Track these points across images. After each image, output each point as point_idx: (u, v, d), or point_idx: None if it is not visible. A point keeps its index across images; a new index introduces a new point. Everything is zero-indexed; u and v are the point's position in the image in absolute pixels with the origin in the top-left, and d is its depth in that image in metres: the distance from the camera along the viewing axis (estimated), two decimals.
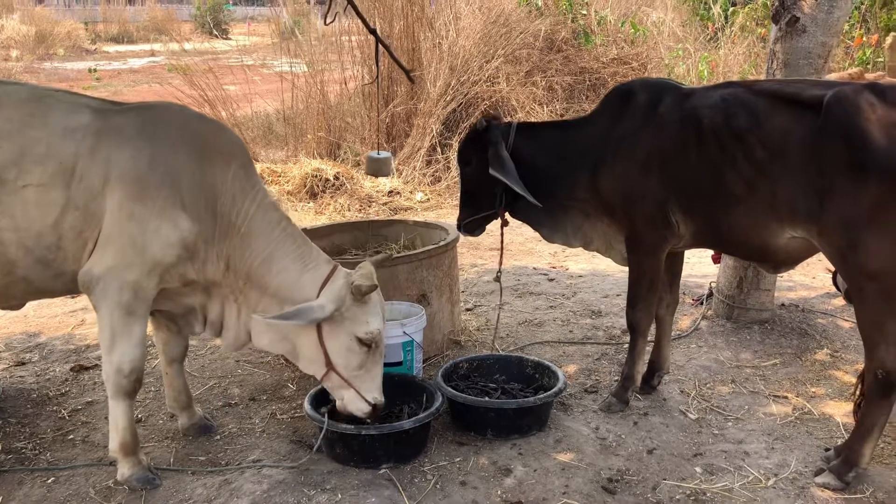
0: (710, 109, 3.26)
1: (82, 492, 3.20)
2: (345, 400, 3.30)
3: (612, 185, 3.55)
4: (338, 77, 11.10)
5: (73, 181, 2.94)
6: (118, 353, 3.05)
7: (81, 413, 3.91)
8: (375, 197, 8.91)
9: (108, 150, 2.99)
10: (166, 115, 3.24)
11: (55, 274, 3.04)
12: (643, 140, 3.45)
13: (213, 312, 3.35)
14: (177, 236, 3.04)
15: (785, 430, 3.62)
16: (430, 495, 3.14)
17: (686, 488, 3.17)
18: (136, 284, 3.02)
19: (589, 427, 3.69)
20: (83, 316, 5.30)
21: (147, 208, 3.00)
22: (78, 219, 2.96)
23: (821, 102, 2.96)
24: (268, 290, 3.24)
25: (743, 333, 4.68)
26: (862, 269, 2.95)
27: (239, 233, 3.20)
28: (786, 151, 3.06)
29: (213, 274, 3.21)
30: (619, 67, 10.90)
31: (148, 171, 3.02)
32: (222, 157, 3.20)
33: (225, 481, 3.25)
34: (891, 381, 2.99)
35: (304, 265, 3.26)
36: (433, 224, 5.04)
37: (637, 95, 3.53)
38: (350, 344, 3.21)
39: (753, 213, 3.21)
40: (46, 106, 3.02)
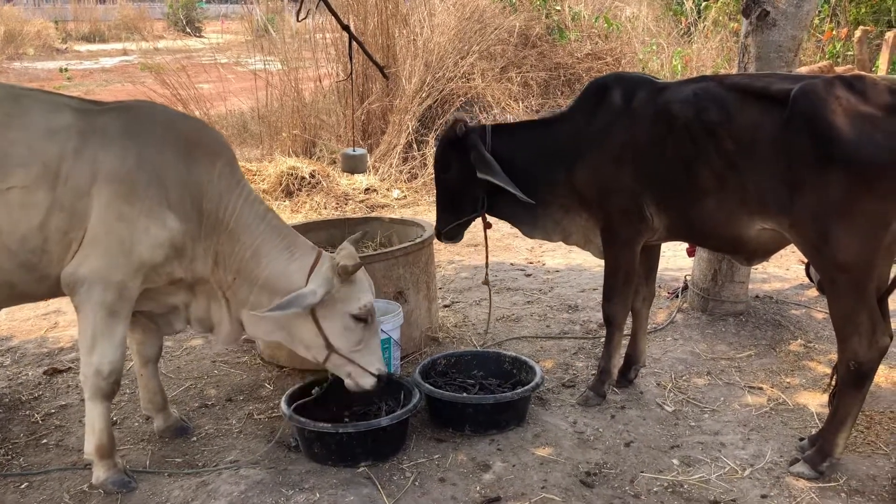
0: (682, 104, 3.29)
1: (56, 497, 3.16)
2: (352, 377, 3.34)
3: (587, 179, 3.59)
4: (312, 75, 11.04)
5: (59, 182, 2.89)
6: (98, 355, 3.02)
7: (55, 417, 3.86)
8: (352, 194, 8.87)
9: (94, 150, 2.94)
10: (150, 114, 3.21)
11: (39, 277, 2.98)
12: (617, 134, 3.48)
13: (199, 310, 3.33)
14: (165, 236, 3.01)
15: (760, 420, 3.66)
16: (409, 493, 3.14)
17: (663, 480, 3.20)
18: (122, 285, 2.99)
19: (567, 421, 3.70)
20: (56, 319, 5.23)
21: (135, 208, 2.97)
22: (63, 220, 2.91)
23: (788, 96, 2.99)
24: (257, 283, 3.23)
25: (718, 325, 4.72)
26: (834, 260, 2.97)
27: (227, 229, 3.19)
28: (756, 145, 3.08)
29: (202, 270, 3.20)
30: (594, 63, 10.95)
31: (136, 171, 2.98)
32: (207, 156, 3.18)
33: (202, 483, 3.22)
34: (863, 372, 3.02)
35: (291, 255, 3.27)
36: (409, 221, 5.03)
37: (612, 90, 3.55)
38: (346, 322, 3.25)
39: (725, 206, 3.24)
40: (24, 107, 2.96)
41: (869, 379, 3.07)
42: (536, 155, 3.74)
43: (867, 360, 3.01)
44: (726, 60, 12.76)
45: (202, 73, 12.15)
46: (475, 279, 5.91)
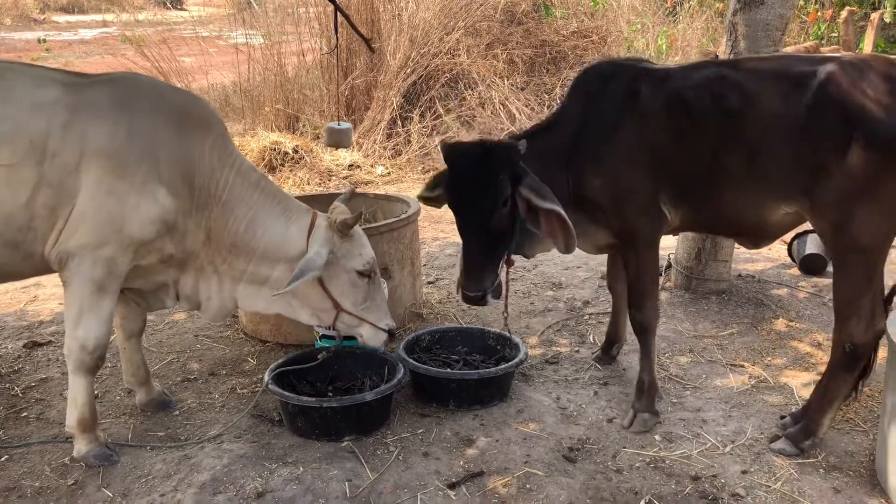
0: (697, 92, 3.13)
1: (38, 470, 3.13)
2: (364, 336, 3.40)
3: (600, 183, 3.26)
4: (295, 49, 10.92)
5: (46, 159, 2.81)
6: (83, 329, 2.99)
7: (35, 390, 3.82)
8: (335, 171, 8.82)
9: (83, 124, 2.87)
10: (139, 86, 3.14)
11: (25, 255, 2.93)
12: (628, 132, 3.21)
13: (188, 286, 3.30)
14: (157, 212, 2.97)
15: (741, 398, 3.69)
16: (392, 467, 3.15)
17: (645, 456, 3.22)
18: (111, 261, 2.95)
19: (550, 397, 3.72)
20: (35, 292, 5.17)
21: (126, 183, 2.91)
22: (51, 197, 2.84)
23: (810, 79, 2.96)
24: (256, 253, 3.22)
25: (701, 304, 4.75)
26: (853, 242, 2.96)
27: (220, 202, 3.15)
28: (780, 129, 3.00)
29: (193, 246, 3.16)
30: (580, 41, 10.90)
31: (126, 145, 2.92)
32: (199, 128, 3.13)
33: (184, 456, 3.21)
34: (857, 355, 3.06)
35: (288, 219, 3.26)
36: (394, 197, 5.01)
37: (610, 84, 3.28)
38: (352, 279, 3.29)
39: (751, 194, 3.14)
40: (8, 81, 2.87)
41: (861, 362, 3.09)
42: (540, 165, 3.25)
43: (863, 343, 3.03)
44: (711, 40, 12.76)
45: (183, 46, 11.97)
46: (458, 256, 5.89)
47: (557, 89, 10.28)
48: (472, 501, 2.93)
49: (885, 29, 10.18)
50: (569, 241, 3.10)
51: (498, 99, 9.94)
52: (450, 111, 9.80)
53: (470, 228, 3.19)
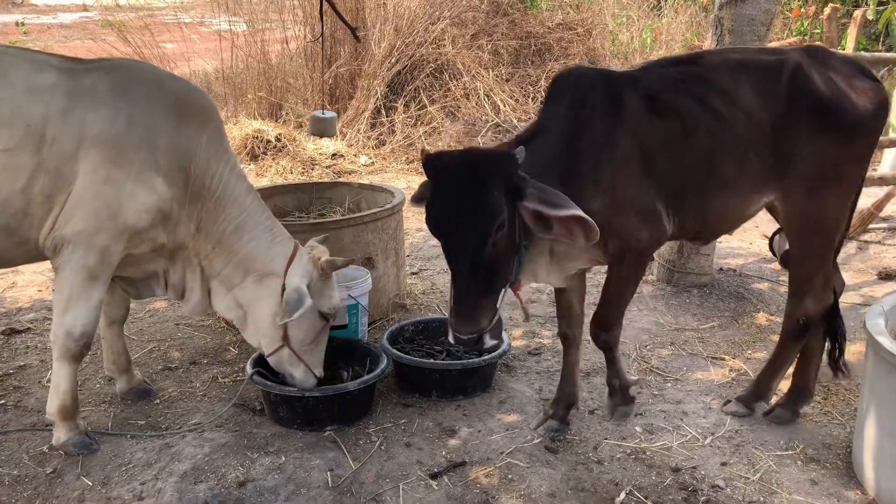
0: (677, 94, 3.03)
1: (16, 457, 3.10)
2: (296, 378, 3.32)
3: (599, 199, 2.89)
4: (279, 37, 10.84)
5: (44, 145, 2.78)
6: (71, 316, 2.96)
7: (13, 378, 3.78)
8: (318, 160, 8.78)
9: (82, 111, 2.84)
10: (138, 73, 3.10)
11: (19, 241, 2.89)
12: (621, 142, 2.94)
13: (175, 276, 3.28)
14: (153, 201, 2.94)
15: (722, 390, 3.72)
16: (374, 456, 3.15)
17: (626, 447, 3.24)
18: (105, 249, 2.92)
19: (532, 388, 3.73)
20: (13, 278, 5.10)
21: (124, 171, 2.88)
22: (48, 184, 2.81)
23: (778, 69, 3.05)
24: (236, 257, 3.19)
25: (683, 297, 4.79)
26: (817, 225, 3.15)
27: (213, 196, 3.13)
28: (761, 121, 3.05)
29: (184, 236, 3.13)
30: (565, 33, 10.90)
31: (125, 133, 2.89)
32: (197, 119, 3.10)
33: (165, 445, 3.19)
34: (809, 326, 3.31)
35: (273, 237, 3.25)
36: (378, 187, 4.99)
37: (590, 94, 2.96)
38: (313, 319, 3.24)
39: (742, 190, 3.13)
40: (4, 65, 2.83)
41: (810, 332, 3.35)
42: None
43: (814, 315, 3.29)
44: (695, 35, 12.81)
45: (165, 33, 11.83)
46: None
47: (542, 81, 10.28)
48: (453, 491, 2.94)
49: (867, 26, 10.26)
50: (590, 234, 2.61)
51: (483, 90, 9.92)
52: (434, 102, 9.78)
53: (460, 259, 2.61)
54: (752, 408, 3.48)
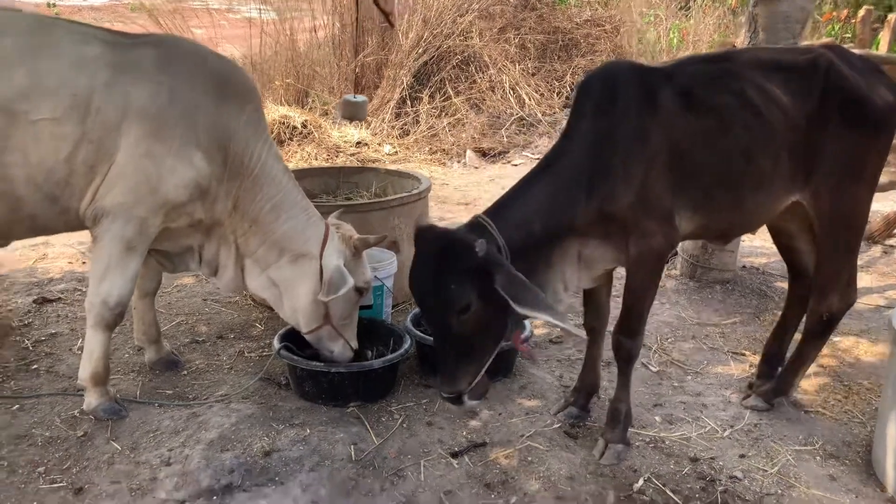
0: (715, 92, 2.98)
1: (48, 420, 3.18)
2: (335, 352, 3.39)
3: (629, 196, 2.86)
4: (308, 25, 10.90)
5: (89, 115, 2.83)
6: (108, 285, 3.02)
7: (45, 344, 3.86)
8: (343, 147, 8.83)
9: (126, 84, 2.89)
10: (182, 49, 3.15)
11: (61, 210, 2.95)
12: (653, 138, 2.87)
13: (210, 252, 3.33)
14: (191, 176, 2.99)
15: (741, 385, 3.74)
16: (396, 433, 3.19)
17: (646, 436, 3.27)
18: (143, 221, 2.98)
19: (553, 375, 3.77)
20: (45, 250, 5.20)
21: (164, 146, 2.93)
22: (91, 154, 2.86)
23: (810, 67, 3.06)
24: (272, 237, 3.25)
25: (705, 292, 4.80)
26: (847, 222, 3.17)
27: (251, 175, 3.18)
28: (795, 118, 3.04)
29: (221, 213, 3.19)
30: (592, 29, 10.91)
31: (167, 108, 2.94)
32: (238, 98, 3.14)
33: (192, 414, 3.26)
34: (832, 323, 3.35)
35: (308, 218, 3.31)
36: (405, 173, 5.03)
37: (624, 88, 2.93)
38: (350, 295, 3.30)
39: (775, 189, 3.09)
40: (55, 36, 2.88)
41: (833, 329, 3.40)
42: (550, 205, 2.86)
43: (838, 312, 3.31)
44: (723, 36, 12.76)
45: (194, 18, 11.92)
46: None
47: (568, 77, 10.30)
48: (474, 470, 2.98)
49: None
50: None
51: (508, 83, 9.95)
52: (459, 93, 9.82)
53: (434, 331, 2.76)
54: (771, 403, 3.50)
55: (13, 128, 2.75)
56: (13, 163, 2.78)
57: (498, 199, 2.93)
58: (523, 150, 9.30)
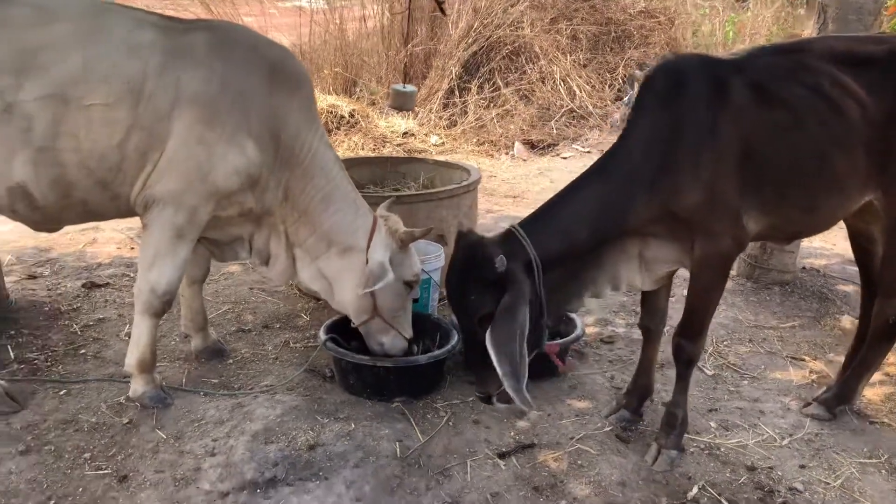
0: (789, 84, 2.83)
1: (94, 406, 3.18)
2: (385, 344, 3.34)
3: (696, 194, 2.73)
4: (357, 14, 10.88)
5: (141, 101, 2.80)
6: (157, 272, 3.00)
7: (93, 329, 3.88)
8: (390, 137, 8.79)
9: (179, 70, 2.85)
10: (235, 35, 3.09)
11: (112, 196, 2.94)
12: (724, 133, 2.73)
13: (260, 241, 3.30)
14: (243, 164, 2.95)
15: (801, 392, 3.59)
16: (442, 431, 3.12)
17: (700, 442, 3.15)
18: (194, 209, 2.95)
19: (604, 376, 3.66)
20: (94, 235, 5.24)
21: (216, 133, 2.89)
22: (143, 140, 2.84)
23: (892, 57, 2.90)
24: (320, 229, 3.20)
25: (763, 294, 4.63)
26: None
27: (301, 165, 3.13)
28: (872, 113, 2.88)
29: (271, 202, 3.15)
30: (646, 21, 10.68)
31: (219, 95, 2.89)
32: (289, 85, 3.09)
33: (238, 404, 3.23)
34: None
35: (357, 210, 3.25)
36: (454, 164, 4.95)
37: (689, 83, 2.79)
38: (398, 288, 3.25)
39: (849, 187, 2.94)
40: (108, 21, 2.86)
41: None
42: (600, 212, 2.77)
43: None
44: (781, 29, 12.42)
45: (244, 6, 11.98)
46: None
47: (620, 69, 10.11)
48: (522, 472, 2.90)
49: None
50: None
51: (559, 74, 9.80)
52: (509, 84, 9.70)
53: (462, 330, 2.89)
54: (833, 412, 3.35)
55: (66, 113, 2.73)
56: (66, 148, 2.76)
57: (539, 207, 2.87)
58: (573, 143, 9.15)
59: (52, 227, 3.12)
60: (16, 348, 3.60)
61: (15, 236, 5.02)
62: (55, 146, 2.75)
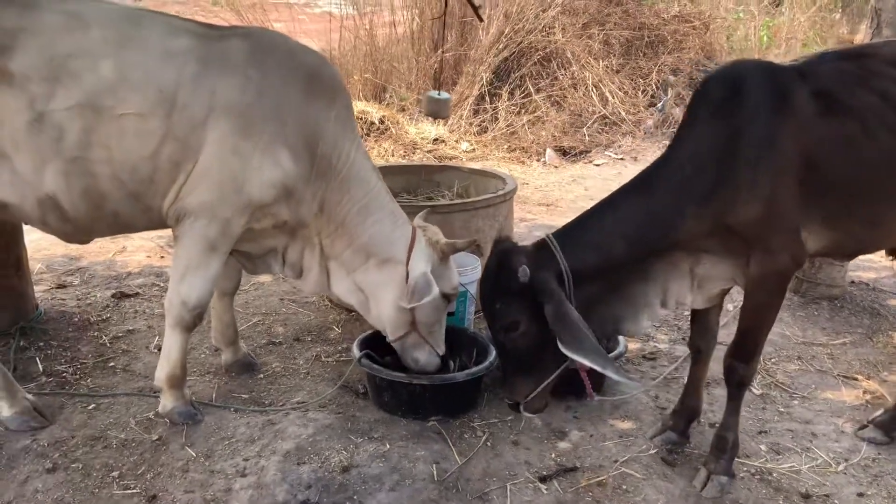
0: (858, 92, 2.67)
1: (123, 421, 3.10)
2: (420, 360, 3.24)
3: (752, 209, 2.59)
4: (387, 20, 10.82)
5: (175, 111, 2.70)
6: (188, 285, 2.91)
7: (122, 341, 3.81)
8: (420, 144, 8.69)
9: (214, 78, 2.75)
10: (272, 43, 2.98)
11: (144, 208, 2.85)
12: (785, 145, 2.58)
13: (294, 254, 3.20)
14: (278, 175, 2.85)
15: (855, 413, 3.42)
16: (480, 453, 3.00)
17: (751, 466, 3.00)
18: (227, 221, 2.86)
19: (648, 395, 3.52)
20: (124, 243, 5.19)
21: (251, 143, 2.79)
22: (176, 150, 2.74)
23: None
24: (357, 241, 3.10)
25: (811, 309, 4.45)
26: None
27: (339, 176, 3.03)
28: None
29: (306, 215, 3.05)
30: (680, 25, 10.49)
31: (255, 104, 2.80)
32: (326, 94, 2.99)
33: (269, 422, 3.13)
34: None
35: (395, 221, 3.15)
36: (489, 172, 4.83)
37: (749, 91, 2.64)
38: (437, 301, 3.13)
39: None
40: (143, 28, 2.76)
41: None
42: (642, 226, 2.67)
43: None
44: (818, 34, 12.18)
45: (274, 12, 11.99)
46: None
47: (654, 74, 9.94)
48: (564, 497, 2.77)
49: None
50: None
51: (591, 80, 9.64)
52: (540, 90, 9.56)
53: (493, 338, 2.89)
54: (891, 435, 3.18)
55: (99, 123, 2.65)
56: (98, 159, 2.68)
57: (577, 217, 2.80)
58: (606, 150, 8.99)
59: (82, 239, 3.05)
60: (44, 360, 3.54)
61: (46, 244, 4.98)
62: (87, 156, 2.67)
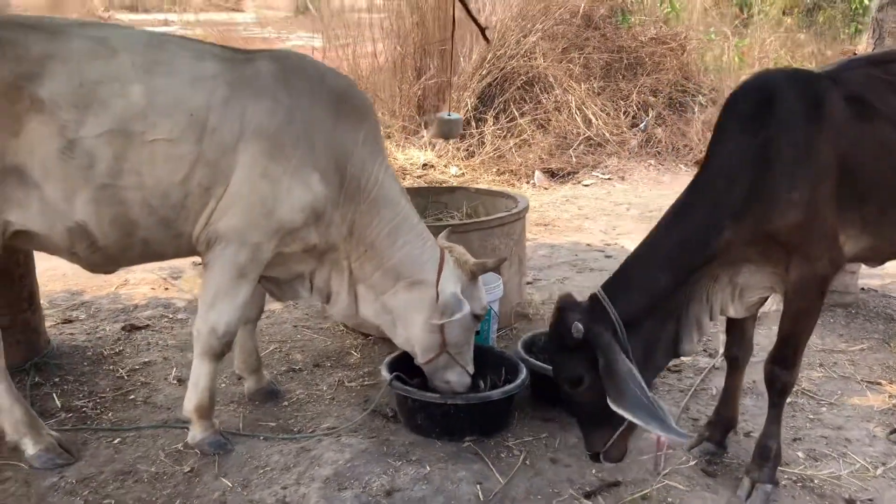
0: (889, 97, 2.68)
1: (152, 454, 3.00)
2: (451, 381, 3.19)
3: (790, 217, 2.59)
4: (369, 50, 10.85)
5: (205, 135, 2.66)
6: (217, 313, 2.85)
7: (139, 373, 3.71)
8: (409, 169, 8.69)
9: (244, 101, 2.72)
10: (300, 66, 2.96)
11: (174, 235, 2.79)
12: (822, 153, 2.59)
13: (321, 278, 3.14)
14: (308, 199, 2.81)
15: (884, 417, 3.43)
16: (521, 472, 2.95)
17: (791, 473, 2.98)
18: (257, 246, 2.81)
19: (678, 407, 3.49)
20: (125, 276, 5.08)
21: (281, 167, 2.75)
22: (207, 175, 2.69)
23: None
24: (387, 263, 3.06)
25: (826, 316, 4.48)
26: None
27: (368, 198, 3.00)
28: None
29: (335, 238, 3.01)
30: (657, 47, 10.65)
31: (285, 127, 2.76)
32: (355, 117, 2.97)
33: (302, 448, 3.05)
34: None
35: (424, 242, 3.11)
36: (498, 192, 4.83)
37: (781, 100, 2.66)
38: (467, 321, 3.10)
39: None
40: (170, 53, 2.73)
41: None
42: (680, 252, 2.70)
43: None
44: (789, 53, 12.45)
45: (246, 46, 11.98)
46: (552, 257, 5.73)
47: (634, 95, 10.06)
48: None
49: None
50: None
51: (574, 103, 9.74)
52: (524, 114, 9.63)
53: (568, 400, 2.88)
54: None
55: (129, 149, 2.59)
56: (128, 186, 2.62)
57: (621, 264, 2.83)
58: (593, 170, 9.06)
59: (110, 268, 2.96)
60: (61, 396, 3.42)
61: (45, 279, 4.84)
62: (118, 183, 2.61)
